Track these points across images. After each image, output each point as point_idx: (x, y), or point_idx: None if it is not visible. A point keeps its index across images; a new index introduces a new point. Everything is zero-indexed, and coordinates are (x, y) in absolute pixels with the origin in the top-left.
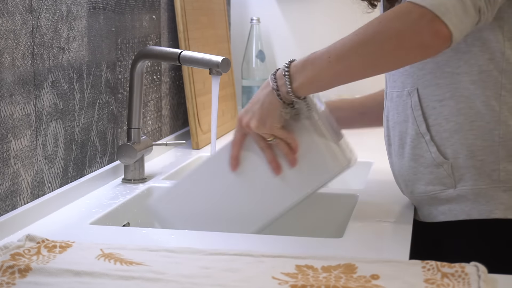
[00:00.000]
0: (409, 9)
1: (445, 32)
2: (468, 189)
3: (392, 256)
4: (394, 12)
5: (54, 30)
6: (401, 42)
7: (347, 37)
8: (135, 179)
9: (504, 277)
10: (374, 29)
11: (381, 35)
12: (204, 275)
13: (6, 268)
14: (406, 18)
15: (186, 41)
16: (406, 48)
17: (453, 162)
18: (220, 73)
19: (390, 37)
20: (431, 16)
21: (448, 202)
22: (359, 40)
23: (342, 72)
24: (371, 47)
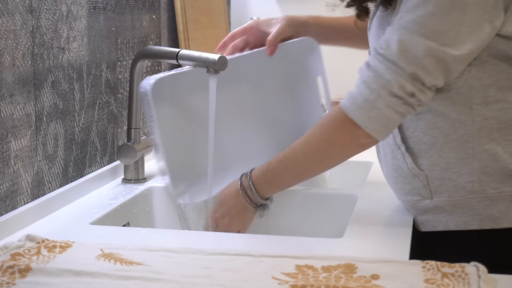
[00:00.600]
0: (343, 119)
1: (374, 138)
2: (444, 200)
3: (392, 256)
4: (332, 121)
5: (54, 30)
6: (344, 147)
7: (297, 148)
8: (135, 179)
9: (504, 277)
10: (319, 139)
11: (326, 144)
12: (204, 275)
13: (6, 268)
14: (343, 129)
15: (186, 41)
16: (349, 149)
17: (429, 173)
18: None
19: (333, 145)
20: (361, 131)
21: (426, 212)
22: (307, 151)
23: (299, 175)
24: (319, 156)
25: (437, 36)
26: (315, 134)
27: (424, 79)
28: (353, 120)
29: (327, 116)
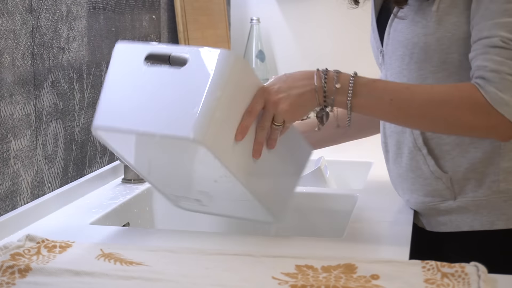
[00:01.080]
0: (488, 110)
1: None
2: (469, 200)
3: (392, 256)
4: (472, 104)
5: (54, 30)
6: (470, 132)
7: (417, 95)
8: (135, 179)
9: (504, 277)
10: (450, 113)
11: (454, 120)
12: (204, 275)
13: (6, 268)
14: (485, 120)
15: (186, 41)
16: (478, 134)
17: (453, 175)
18: None
19: (463, 127)
20: (508, 126)
21: (448, 213)
22: (428, 110)
23: (395, 117)
24: (438, 121)
25: None
26: (449, 104)
27: None
28: (503, 115)
29: (465, 95)
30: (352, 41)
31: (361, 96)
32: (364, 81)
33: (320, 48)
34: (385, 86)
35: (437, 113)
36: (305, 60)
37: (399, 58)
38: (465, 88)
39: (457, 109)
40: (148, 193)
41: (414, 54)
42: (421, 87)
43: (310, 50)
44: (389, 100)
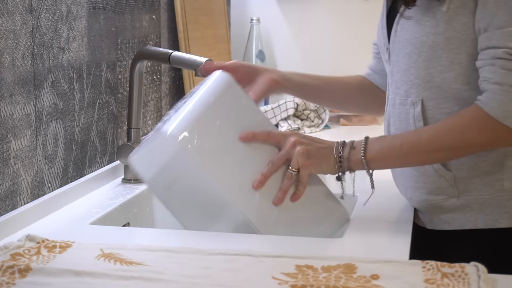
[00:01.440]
0: (493, 125)
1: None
2: (472, 198)
3: (392, 256)
4: (477, 125)
5: (54, 30)
6: (483, 147)
7: (423, 135)
8: (135, 179)
9: (504, 277)
10: (458, 138)
11: (464, 144)
12: (204, 275)
13: (6, 268)
14: (491, 134)
15: (186, 41)
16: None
17: (456, 173)
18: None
19: (473, 147)
20: None
21: (451, 211)
22: (437, 143)
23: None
24: (449, 151)
25: None
26: (453, 131)
27: None
28: (508, 127)
29: (468, 119)
30: (352, 41)
31: (373, 150)
32: (374, 138)
33: (320, 48)
34: (393, 135)
35: (445, 143)
36: (305, 60)
37: (406, 56)
38: (467, 112)
39: (463, 134)
40: (148, 193)
41: (422, 52)
42: (427, 127)
43: (310, 50)
44: (400, 145)
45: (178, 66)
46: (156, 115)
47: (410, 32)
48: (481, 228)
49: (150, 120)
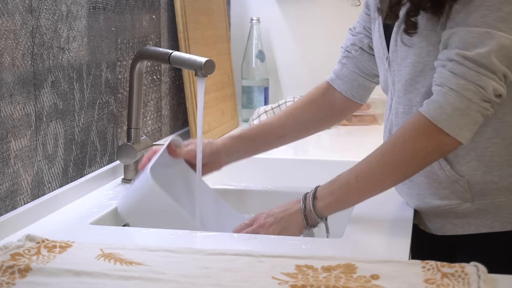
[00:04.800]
0: (430, 129)
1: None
2: (488, 202)
3: (392, 256)
4: (415, 130)
5: (54, 30)
6: (428, 155)
7: (372, 159)
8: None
9: (504, 277)
10: (401, 149)
11: (408, 154)
12: (204, 275)
13: (6, 268)
14: (431, 139)
15: (186, 41)
16: (433, 157)
17: (470, 178)
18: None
19: (417, 154)
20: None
21: (466, 215)
22: (386, 161)
23: (369, 188)
24: (398, 166)
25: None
26: (396, 143)
27: (509, 77)
28: (442, 129)
29: (408, 126)
30: None
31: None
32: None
33: (319, 48)
34: (343, 173)
35: (393, 159)
36: (305, 60)
37: (409, 65)
38: (409, 120)
39: (404, 144)
40: None
41: (429, 62)
42: (377, 152)
43: (310, 50)
44: (355, 178)
45: (178, 66)
46: (156, 115)
47: (414, 42)
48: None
49: (150, 120)
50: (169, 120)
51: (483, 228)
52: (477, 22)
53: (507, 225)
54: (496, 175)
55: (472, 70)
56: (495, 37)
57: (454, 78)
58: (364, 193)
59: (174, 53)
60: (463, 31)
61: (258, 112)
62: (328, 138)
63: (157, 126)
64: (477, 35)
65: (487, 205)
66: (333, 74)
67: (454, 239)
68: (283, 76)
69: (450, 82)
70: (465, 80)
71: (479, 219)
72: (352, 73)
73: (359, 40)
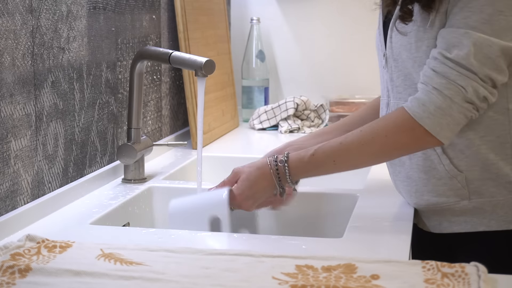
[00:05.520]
0: (412, 125)
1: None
2: (485, 201)
3: (392, 256)
4: (398, 126)
5: (54, 30)
6: (407, 150)
7: (352, 147)
8: (135, 179)
9: (504, 277)
10: (383, 142)
11: (389, 147)
12: (204, 275)
13: (6, 268)
14: (412, 135)
15: (186, 41)
16: (411, 151)
17: (468, 174)
18: (205, 75)
19: (397, 149)
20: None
21: (463, 213)
22: (366, 150)
23: (345, 169)
24: (377, 156)
25: (509, 34)
26: (378, 135)
27: (496, 79)
28: (423, 127)
29: (391, 120)
30: (352, 41)
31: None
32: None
33: (320, 48)
34: (323, 153)
35: (372, 149)
36: (305, 60)
37: (403, 62)
38: (392, 113)
39: (385, 137)
40: (148, 193)
41: (417, 58)
42: (352, 135)
43: (310, 50)
44: (333, 162)
45: (178, 66)
46: (156, 115)
47: (405, 38)
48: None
49: (150, 120)
50: (169, 120)
51: (480, 226)
52: (459, 23)
53: (503, 224)
54: (493, 173)
55: (453, 69)
56: (472, 37)
57: (436, 77)
58: (340, 171)
59: (174, 53)
60: (446, 31)
61: (258, 112)
62: None
63: (157, 126)
64: (457, 35)
65: (484, 203)
66: None
67: (454, 238)
68: (283, 76)
69: (432, 80)
70: (446, 79)
71: (476, 217)
72: None
73: None
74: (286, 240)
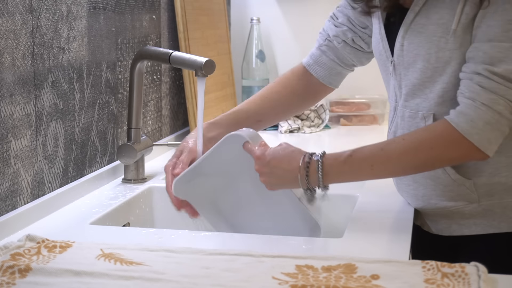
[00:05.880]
0: (459, 141)
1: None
2: (495, 203)
3: (392, 256)
4: (445, 140)
5: (54, 30)
6: (452, 162)
7: (393, 155)
8: (135, 179)
9: (504, 277)
10: (427, 155)
11: (433, 160)
12: (204, 275)
13: (6, 268)
14: (458, 150)
15: (186, 41)
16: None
17: (476, 180)
18: (205, 75)
19: (442, 162)
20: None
21: (473, 216)
22: (407, 160)
23: (381, 176)
24: (419, 167)
25: None
26: (422, 147)
27: None
28: (472, 143)
29: (437, 133)
30: None
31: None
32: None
33: None
34: (361, 156)
35: (415, 161)
36: None
37: (417, 71)
38: (436, 126)
39: (431, 150)
40: (148, 193)
41: (438, 68)
42: (394, 143)
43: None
44: (370, 167)
45: (178, 66)
46: (156, 115)
47: (422, 47)
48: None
49: (150, 120)
50: (169, 120)
51: (490, 228)
52: (500, 37)
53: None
54: (503, 176)
55: (502, 85)
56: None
57: (484, 93)
58: (373, 178)
59: (174, 53)
60: (487, 46)
61: None
62: (328, 138)
63: (157, 126)
64: (503, 49)
65: (494, 205)
66: (310, 59)
67: (455, 239)
68: None
69: (481, 96)
70: (496, 94)
71: (485, 219)
72: (331, 62)
73: (342, 33)
74: (286, 240)
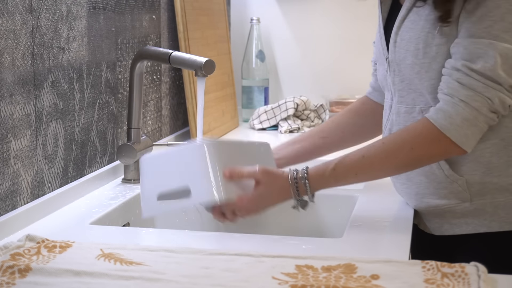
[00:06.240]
0: (439, 138)
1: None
2: (486, 202)
3: (392, 256)
4: (425, 138)
5: (54, 30)
6: (432, 160)
7: (375, 160)
8: (135, 179)
9: (504, 277)
10: (408, 155)
11: (414, 159)
12: (204, 275)
13: (6, 268)
14: (438, 146)
15: (186, 41)
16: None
17: (468, 178)
18: (204, 75)
19: (422, 160)
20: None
21: (464, 215)
22: (390, 163)
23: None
24: (401, 168)
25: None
26: (403, 148)
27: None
28: (450, 139)
29: (416, 132)
30: (352, 41)
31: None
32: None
33: (320, 48)
34: (344, 167)
35: (397, 163)
36: (304, 60)
37: (408, 67)
38: (417, 125)
39: (412, 150)
40: None
41: (424, 64)
42: (374, 148)
43: (310, 50)
44: (355, 175)
45: (178, 66)
46: (156, 115)
47: (412, 43)
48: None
49: (150, 120)
50: (169, 120)
51: (481, 227)
52: (481, 33)
53: (505, 225)
54: (495, 175)
55: (480, 82)
56: (498, 48)
57: (462, 89)
58: (360, 182)
59: (174, 53)
60: (468, 41)
61: (258, 112)
62: None
63: (157, 126)
64: (482, 46)
65: (485, 205)
66: (370, 87)
67: (454, 239)
68: (283, 76)
69: (459, 93)
70: (473, 91)
71: (477, 219)
72: None
73: None
74: (286, 240)
